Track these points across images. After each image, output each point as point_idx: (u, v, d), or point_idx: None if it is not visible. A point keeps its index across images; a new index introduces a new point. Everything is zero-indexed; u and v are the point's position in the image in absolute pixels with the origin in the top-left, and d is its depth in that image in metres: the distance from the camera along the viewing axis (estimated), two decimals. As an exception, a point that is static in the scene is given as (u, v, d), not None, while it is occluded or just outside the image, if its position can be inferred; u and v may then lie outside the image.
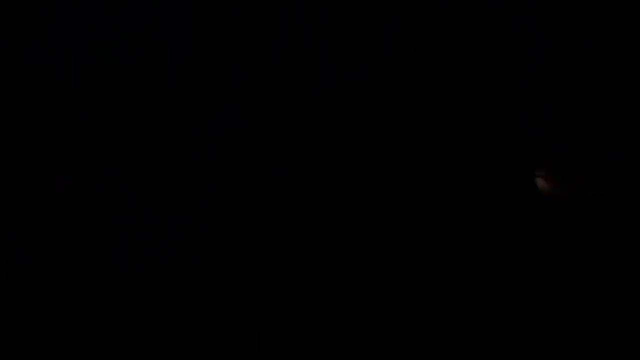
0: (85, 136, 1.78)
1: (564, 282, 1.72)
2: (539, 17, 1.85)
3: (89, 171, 1.77)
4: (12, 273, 1.67)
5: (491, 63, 1.83)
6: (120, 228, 1.73)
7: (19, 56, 1.77)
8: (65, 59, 1.79)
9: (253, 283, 1.70)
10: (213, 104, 1.82)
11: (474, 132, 1.82)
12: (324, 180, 1.79)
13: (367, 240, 1.75)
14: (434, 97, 1.83)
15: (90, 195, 1.75)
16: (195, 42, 1.82)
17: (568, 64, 1.85)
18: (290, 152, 1.80)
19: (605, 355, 1.63)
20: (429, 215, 1.78)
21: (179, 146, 1.79)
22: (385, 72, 1.83)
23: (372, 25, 1.83)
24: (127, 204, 1.75)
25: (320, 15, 1.83)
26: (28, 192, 1.74)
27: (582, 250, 1.76)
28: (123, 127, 1.80)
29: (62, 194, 1.74)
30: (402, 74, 1.83)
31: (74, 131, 1.78)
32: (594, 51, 1.85)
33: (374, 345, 1.64)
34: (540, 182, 1.82)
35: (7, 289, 1.66)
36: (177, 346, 1.63)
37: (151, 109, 1.81)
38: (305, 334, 1.65)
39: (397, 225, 1.77)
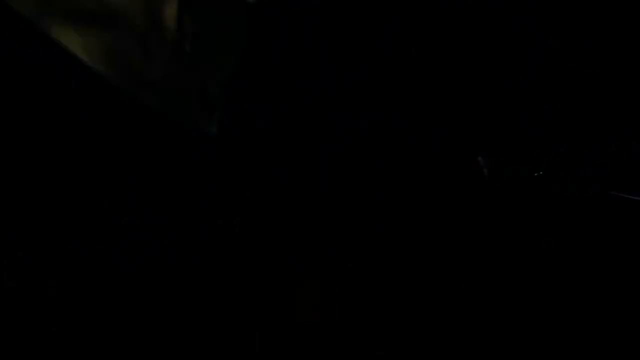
0: (85, 136, 1.78)
1: (563, 282, 1.73)
2: (539, 17, 1.85)
3: (88, 171, 1.77)
4: (12, 273, 1.67)
5: (491, 63, 1.84)
6: (120, 228, 1.73)
7: (19, 56, 1.77)
8: (65, 59, 1.79)
9: (253, 283, 1.70)
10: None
11: (473, 132, 1.82)
12: (324, 181, 1.79)
13: (367, 240, 1.75)
14: (433, 97, 1.83)
15: (91, 195, 1.75)
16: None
17: (568, 64, 1.85)
18: (290, 152, 1.80)
19: (604, 355, 1.63)
20: (429, 215, 1.78)
21: (179, 146, 1.79)
22: (385, 72, 1.83)
23: (372, 25, 1.83)
24: (127, 204, 1.75)
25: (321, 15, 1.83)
26: (28, 192, 1.74)
27: (582, 249, 1.76)
28: (123, 127, 1.80)
29: (62, 193, 1.74)
30: (402, 74, 1.83)
31: (74, 131, 1.78)
32: (594, 51, 1.85)
33: (374, 345, 1.65)
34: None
35: (7, 289, 1.66)
36: (177, 346, 1.63)
37: (151, 108, 1.80)
38: (305, 334, 1.65)
39: (397, 225, 1.77)
